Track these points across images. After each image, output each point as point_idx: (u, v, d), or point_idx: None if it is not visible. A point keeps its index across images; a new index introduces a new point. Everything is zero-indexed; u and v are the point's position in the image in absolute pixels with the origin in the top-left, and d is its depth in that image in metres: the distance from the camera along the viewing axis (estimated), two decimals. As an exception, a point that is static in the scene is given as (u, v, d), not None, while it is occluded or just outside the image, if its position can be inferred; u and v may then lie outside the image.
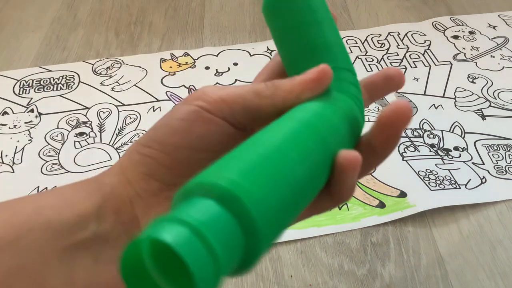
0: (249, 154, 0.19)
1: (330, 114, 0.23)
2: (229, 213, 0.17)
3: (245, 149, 0.20)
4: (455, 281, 0.43)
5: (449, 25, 0.75)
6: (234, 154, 0.20)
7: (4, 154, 0.56)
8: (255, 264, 0.18)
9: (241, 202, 0.17)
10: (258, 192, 0.18)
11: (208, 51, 0.70)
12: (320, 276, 0.44)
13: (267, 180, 0.18)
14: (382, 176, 0.52)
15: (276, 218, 0.18)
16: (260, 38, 0.73)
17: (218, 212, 0.17)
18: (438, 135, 0.57)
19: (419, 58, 0.69)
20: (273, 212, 0.18)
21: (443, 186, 0.51)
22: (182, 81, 0.64)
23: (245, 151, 0.20)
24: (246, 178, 0.18)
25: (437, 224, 0.48)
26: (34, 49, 0.72)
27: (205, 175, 0.18)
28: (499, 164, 0.53)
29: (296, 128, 0.21)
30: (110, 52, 0.71)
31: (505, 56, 0.69)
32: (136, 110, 0.61)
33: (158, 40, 0.73)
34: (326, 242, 0.47)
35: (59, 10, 0.81)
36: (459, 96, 0.62)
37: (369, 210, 0.49)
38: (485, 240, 0.46)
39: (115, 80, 0.66)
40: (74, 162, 0.55)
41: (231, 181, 0.17)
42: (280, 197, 0.19)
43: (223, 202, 0.17)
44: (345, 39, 0.72)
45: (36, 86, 0.65)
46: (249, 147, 0.20)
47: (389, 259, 0.45)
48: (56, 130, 0.59)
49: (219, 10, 0.80)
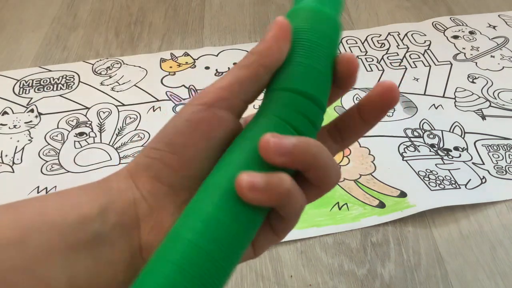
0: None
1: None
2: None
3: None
4: (455, 281, 0.43)
5: (449, 25, 0.75)
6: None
7: (4, 154, 0.56)
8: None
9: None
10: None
11: (208, 51, 0.70)
12: (320, 276, 0.44)
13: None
14: (382, 176, 0.52)
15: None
16: (260, 38, 0.73)
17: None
18: (438, 135, 0.57)
19: (419, 58, 0.69)
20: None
21: (443, 186, 0.51)
22: (182, 81, 0.64)
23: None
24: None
25: (437, 224, 0.48)
26: (34, 49, 0.72)
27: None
28: (499, 164, 0.53)
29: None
30: (110, 52, 0.71)
31: (505, 56, 0.69)
32: (136, 110, 0.61)
33: (158, 40, 0.73)
34: (326, 242, 0.47)
35: (59, 10, 0.81)
36: (459, 96, 0.62)
37: (369, 210, 0.49)
38: (485, 240, 0.46)
39: (115, 80, 0.66)
40: (74, 162, 0.55)
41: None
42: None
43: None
44: (345, 39, 0.72)
45: (36, 86, 0.65)
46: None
47: (389, 259, 0.45)
48: (56, 130, 0.59)
49: (219, 10, 0.80)
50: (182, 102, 0.61)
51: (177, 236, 0.21)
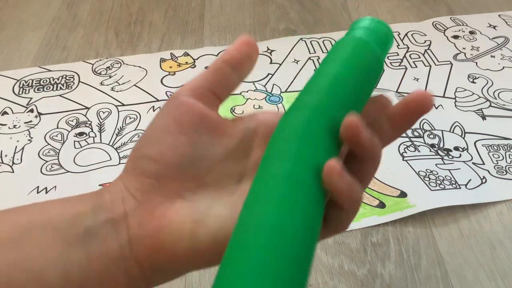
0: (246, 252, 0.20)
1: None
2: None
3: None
4: (455, 281, 0.43)
5: (449, 25, 0.75)
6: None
7: (4, 154, 0.56)
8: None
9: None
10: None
11: (208, 51, 0.70)
12: (320, 276, 0.44)
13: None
14: (382, 176, 0.52)
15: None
16: (260, 38, 0.73)
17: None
18: (438, 135, 0.57)
19: (419, 58, 0.69)
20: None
21: (443, 186, 0.50)
22: (182, 81, 0.64)
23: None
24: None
25: (437, 224, 0.48)
26: (34, 49, 0.72)
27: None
28: (499, 164, 0.53)
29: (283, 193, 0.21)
30: (110, 52, 0.71)
31: (505, 56, 0.69)
32: (136, 110, 0.61)
33: (158, 40, 0.73)
34: (326, 242, 0.47)
35: (59, 10, 0.81)
36: (459, 96, 0.62)
37: (369, 210, 0.49)
38: (485, 240, 0.46)
39: (115, 80, 0.66)
40: (74, 162, 0.55)
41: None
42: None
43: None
44: (345, 39, 0.72)
45: (35, 86, 0.65)
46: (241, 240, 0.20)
47: (389, 259, 0.45)
48: (56, 130, 0.59)
49: (219, 10, 0.80)
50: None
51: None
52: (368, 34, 0.26)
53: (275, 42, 0.72)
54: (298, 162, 0.22)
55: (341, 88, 0.24)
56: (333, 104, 0.24)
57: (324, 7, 0.80)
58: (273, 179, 0.21)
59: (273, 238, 0.20)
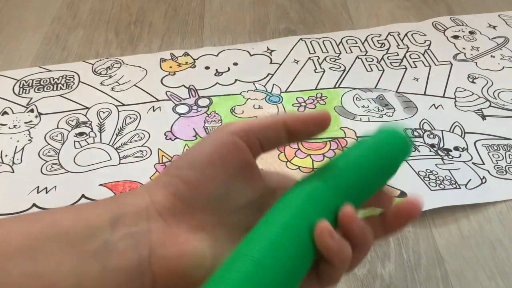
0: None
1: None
2: None
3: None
4: (455, 281, 0.43)
5: (449, 25, 0.75)
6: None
7: (4, 154, 0.56)
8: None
9: None
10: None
11: (208, 51, 0.70)
12: (320, 276, 0.44)
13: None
14: (382, 176, 0.52)
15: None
16: (260, 38, 0.73)
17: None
18: (438, 135, 0.57)
19: (419, 58, 0.69)
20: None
21: (443, 186, 0.50)
22: (182, 81, 0.64)
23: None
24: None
25: (437, 224, 0.48)
26: (34, 49, 0.72)
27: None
28: (499, 164, 0.53)
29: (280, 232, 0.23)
30: (110, 52, 0.71)
31: (505, 56, 0.69)
32: (136, 110, 0.61)
33: (158, 40, 0.73)
34: (326, 242, 0.47)
35: (59, 10, 0.81)
36: (459, 96, 0.62)
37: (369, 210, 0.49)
38: (485, 240, 0.46)
39: (115, 80, 0.66)
40: (74, 162, 0.55)
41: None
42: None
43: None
44: (345, 39, 0.72)
45: (36, 86, 0.65)
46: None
47: (389, 259, 0.45)
48: (56, 130, 0.59)
49: (219, 10, 0.80)
50: (182, 102, 0.61)
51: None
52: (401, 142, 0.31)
53: (275, 42, 0.72)
54: (297, 216, 0.24)
55: (360, 174, 0.28)
56: (345, 185, 0.27)
57: (324, 7, 0.80)
58: (271, 224, 0.24)
59: (253, 271, 0.21)
